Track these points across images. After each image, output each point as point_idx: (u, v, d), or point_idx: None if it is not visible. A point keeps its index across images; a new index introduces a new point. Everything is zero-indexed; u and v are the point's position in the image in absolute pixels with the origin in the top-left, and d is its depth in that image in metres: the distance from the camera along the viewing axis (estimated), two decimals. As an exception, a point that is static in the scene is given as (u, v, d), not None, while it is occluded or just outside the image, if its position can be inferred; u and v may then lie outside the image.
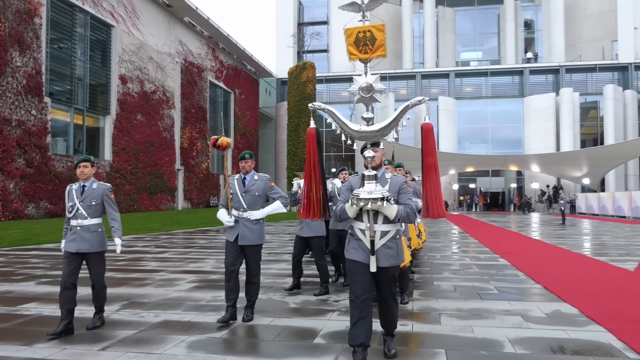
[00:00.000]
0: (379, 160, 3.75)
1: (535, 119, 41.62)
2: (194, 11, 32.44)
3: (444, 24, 47.31)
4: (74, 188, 4.76)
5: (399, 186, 3.66)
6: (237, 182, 5.04)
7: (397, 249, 3.53)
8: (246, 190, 4.95)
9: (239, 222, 4.87)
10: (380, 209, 3.37)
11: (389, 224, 3.50)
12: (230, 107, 41.16)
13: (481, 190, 43.86)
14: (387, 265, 3.49)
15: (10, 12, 19.88)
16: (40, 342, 4.09)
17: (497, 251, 11.07)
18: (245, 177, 5.03)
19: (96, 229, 4.67)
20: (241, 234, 4.82)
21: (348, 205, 3.49)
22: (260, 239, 4.90)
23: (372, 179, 3.44)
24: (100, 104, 25.86)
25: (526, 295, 6.24)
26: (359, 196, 3.36)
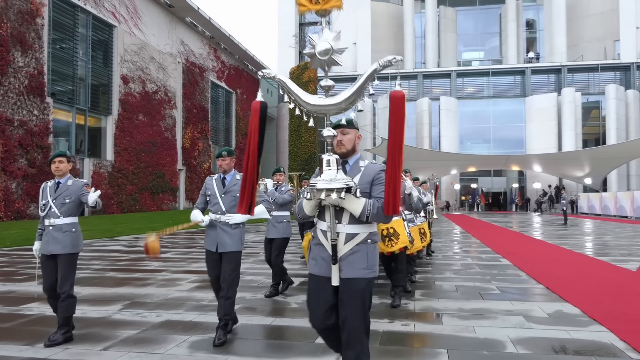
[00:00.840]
0: (350, 145, 2.86)
1: (537, 119, 41.56)
2: (195, 11, 32.46)
3: (445, 24, 47.27)
4: (48, 185, 4.39)
5: (372, 176, 2.79)
6: (215, 183, 4.55)
7: (368, 257, 2.69)
8: (226, 191, 4.47)
9: (217, 227, 4.38)
10: (342, 203, 2.59)
11: (357, 224, 2.69)
12: (232, 107, 41.17)
13: (483, 190, 43.82)
14: (354, 277, 2.64)
15: (12, 12, 19.91)
16: (42, 342, 4.09)
17: (499, 251, 11.07)
18: (225, 177, 4.54)
19: (69, 229, 4.28)
20: (220, 240, 4.34)
21: (305, 200, 2.76)
22: (240, 245, 4.40)
23: (333, 164, 2.62)
24: (102, 104, 25.89)
25: (528, 296, 6.24)
26: (315, 186, 2.58)
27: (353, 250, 2.68)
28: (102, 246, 11.95)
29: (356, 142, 2.92)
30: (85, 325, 4.64)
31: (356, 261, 2.67)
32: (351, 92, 2.78)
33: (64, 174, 4.39)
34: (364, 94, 2.81)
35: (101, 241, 13.13)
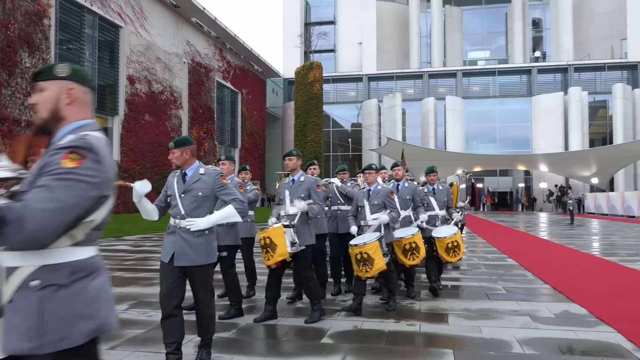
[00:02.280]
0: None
1: (544, 119, 41.37)
2: (201, 12, 32.54)
3: (451, 23, 47.15)
4: None
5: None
6: (176, 180, 3.71)
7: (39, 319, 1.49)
8: (186, 189, 3.61)
9: (176, 234, 3.55)
10: None
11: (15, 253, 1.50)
12: (238, 107, 41.23)
13: (489, 190, 43.68)
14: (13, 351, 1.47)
15: (19, 13, 20.04)
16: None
17: (505, 251, 11.03)
18: (186, 171, 3.66)
19: None
20: (178, 251, 3.48)
21: None
22: (207, 257, 3.56)
23: None
24: (109, 104, 26.00)
25: (534, 296, 6.21)
26: None
27: (15, 306, 1.50)
28: (109, 246, 12.00)
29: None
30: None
31: (15, 324, 1.49)
32: None
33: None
34: None
35: (108, 241, 13.18)
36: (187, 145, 3.65)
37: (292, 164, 5.05)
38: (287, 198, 5.04)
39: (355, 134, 45.60)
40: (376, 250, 4.97)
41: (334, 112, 46.23)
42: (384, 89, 45.46)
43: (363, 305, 5.58)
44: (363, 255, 4.97)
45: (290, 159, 5.06)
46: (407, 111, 43.67)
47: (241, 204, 3.60)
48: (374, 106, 44.49)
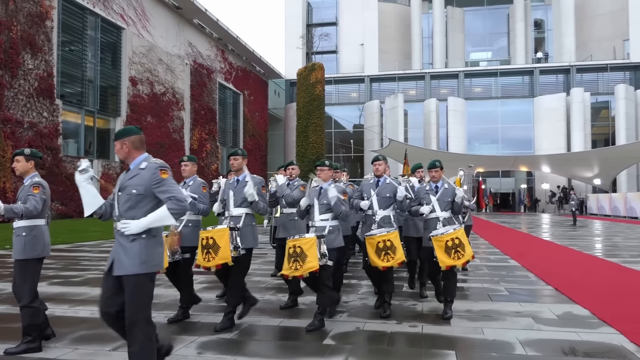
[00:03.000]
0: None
1: (546, 119, 41.33)
2: (203, 13, 32.59)
3: (453, 24, 47.15)
4: None
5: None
6: (120, 177, 3.30)
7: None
8: (121, 186, 3.18)
9: (116, 238, 3.13)
10: None
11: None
12: (240, 109, 41.27)
13: (491, 191, 43.64)
14: None
15: (22, 15, 20.09)
16: (52, 342, 4.12)
17: (507, 252, 11.01)
18: (130, 166, 3.25)
19: (20, 233, 4.01)
20: (115, 257, 3.05)
21: None
22: (141, 265, 2.97)
23: None
24: (111, 105, 26.05)
25: (537, 297, 6.20)
26: None
27: None
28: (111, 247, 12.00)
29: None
30: (94, 325, 4.66)
31: None
32: None
33: (23, 173, 4.23)
34: None
35: (110, 242, 13.20)
36: (126, 136, 3.23)
37: (237, 163, 4.89)
38: (232, 199, 4.85)
39: (357, 135, 45.60)
40: (311, 247, 4.50)
41: (336, 114, 46.24)
42: (386, 90, 45.47)
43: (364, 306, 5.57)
44: (296, 250, 4.53)
45: (236, 158, 4.88)
46: (409, 112, 43.67)
47: (178, 203, 3.04)
48: (375, 107, 44.50)
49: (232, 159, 4.90)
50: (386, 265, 4.99)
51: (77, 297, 6.05)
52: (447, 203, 5.52)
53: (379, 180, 5.58)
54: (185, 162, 5.32)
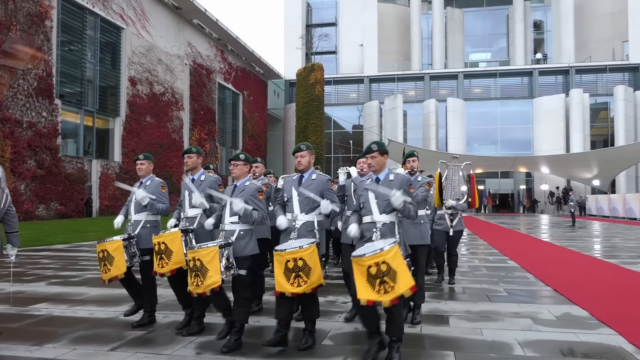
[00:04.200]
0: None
1: (545, 120, 41.36)
2: (202, 13, 32.59)
3: (452, 25, 47.17)
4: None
5: None
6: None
7: None
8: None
9: None
10: None
11: None
12: (239, 109, 41.28)
13: (490, 191, 43.66)
14: None
15: (21, 15, 20.08)
16: (50, 342, 4.12)
17: (506, 253, 11.01)
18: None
19: None
20: None
21: None
22: None
23: None
24: (110, 105, 26.04)
25: (536, 298, 6.20)
26: None
27: None
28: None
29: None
30: (92, 325, 4.66)
31: None
32: None
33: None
34: None
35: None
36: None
37: (192, 162, 4.74)
38: (187, 199, 4.69)
39: (357, 136, 45.61)
40: (212, 260, 3.86)
41: (335, 114, 46.26)
42: (385, 91, 45.48)
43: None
44: (195, 263, 3.90)
45: (190, 156, 4.72)
46: (409, 113, 43.70)
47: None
48: (375, 108, 44.51)
49: (187, 157, 4.83)
50: (296, 291, 3.74)
51: (75, 297, 6.04)
52: (386, 203, 3.81)
53: (302, 176, 4.32)
54: (140, 161, 5.02)
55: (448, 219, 7.06)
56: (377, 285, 3.35)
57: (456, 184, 7.36)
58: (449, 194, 7.19)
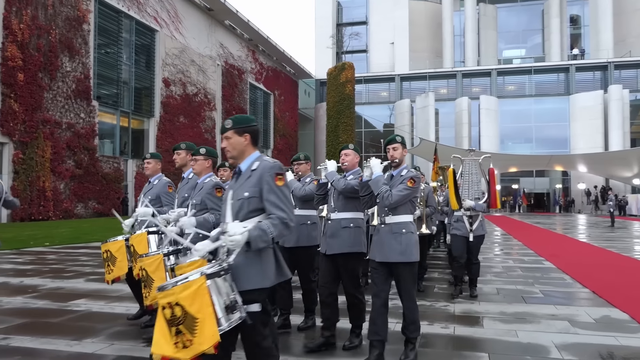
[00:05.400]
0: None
1: (582, 118, 40.26)
2: (234, 14, 32.94)
3: (485, 21, 46.38)
4: None
5: None
6: None
7: None
8: None
9: None
10: None
11: None
12: (270, 109, 41.56)
13: (525, 191, 42.77)
14: None
15: (60, 19, 20.69)
16: (89, 337, 4.23)
17: (542, 253, 10.77)
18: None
19: None
20: None
21: None
22: None
23: None
24: (145, 106, 26.59)
25: (573, 300, 6.05)
26: None
27: None
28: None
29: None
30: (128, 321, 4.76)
31: None
32: None
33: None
34: None
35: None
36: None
37: (180, 158, 4.49)
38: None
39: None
40: (157, 268, 3.43)
41: (366, 113, 46.10)
42: (417, 89, 45.07)
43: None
44: (142, 272, 3.56)
45: (179, 152, 4.49)
46: (440, 111, 43.20)
47: None
48: (406, 106, 44.16)
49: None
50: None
51: (113, 294, 6.19)
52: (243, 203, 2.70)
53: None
54: (147, 160, 4.83)
55: (467, 222, 6.15)
56: (174, 334, 2.19)
57: (474, 181, 6.34)
58: (467, 193, 6.24)
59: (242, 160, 2.75)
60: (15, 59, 18.73)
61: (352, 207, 4.05)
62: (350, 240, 3.98)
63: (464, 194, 6.24)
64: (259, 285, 2.48)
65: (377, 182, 3.64)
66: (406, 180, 3.64)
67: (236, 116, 2.83)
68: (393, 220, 3.64)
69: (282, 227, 2.49)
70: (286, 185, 2.63)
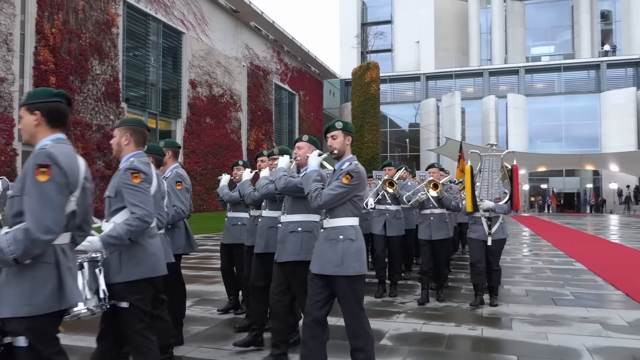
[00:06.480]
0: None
1: (614, 115, 39.25)
2: (259, 16, 33.15)
3: (513, 18, 45.64)
4: None
5: None
6: None
7: None
8: None
9: None
10: None
11: None
12: (295, 109, 41.69)
13: (554, 190, 41.96)
14: None
15: (90, 23, 21.15)
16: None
17: (572, 255, 10.55)
18: None
19: None
20: None
21: None
22: None
23: None
24: (172, 108, 26.97)
25: (605, 302, 5.92)
26: None
27: None
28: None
29: None
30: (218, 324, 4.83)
31: None
32: None
33: None
34: None
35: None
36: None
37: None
38: None
39: (413, 134, 45.02)
40: None
41: (391, 112, 45.86)
42: (443, 88, 44.64)
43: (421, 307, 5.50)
44: None
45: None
46: (467, 110, 42.69)
47: None
48: (432, 105, 43.77)
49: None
50: None
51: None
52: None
53: None
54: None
55: (485, 224, 5.55)
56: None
57: (494, 180, 5.71)
58: (485, 193, 5.67)
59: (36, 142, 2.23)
60: (48, 62, 19.20)
61: (301, 208, 3.57)
62: (297, 247, 3.49)
63: (483, 193, 5.71)
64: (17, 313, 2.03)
65: (308, 179, 3.16)
66: (341, 176, 3.05)
67: (33, 90, 2.29)
68: (331, 224, 3.09)
69: (29, 242, 1.97)
70: (52, 180, 2.05)
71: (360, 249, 3.08)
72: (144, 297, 2.70)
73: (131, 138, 2.82)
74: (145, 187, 2.68)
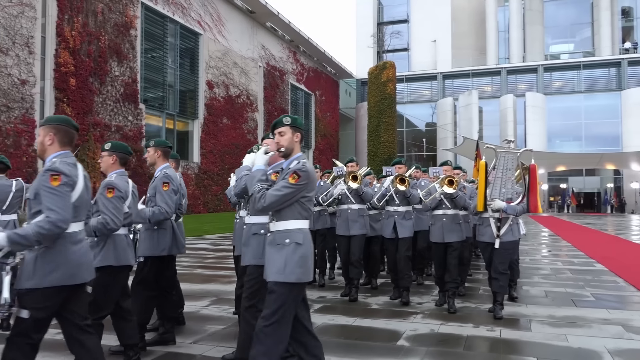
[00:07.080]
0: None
1: (636, 114, 38.52)
2: (275, 16, 33.25)
3: (531, 16, 45.07)
4: None
5: None
6: None
7: None
8: None
9: None
10: None
11: None
12: (311, 109, 41.72)
13: (574, 190, 41.35)
14: None
15: (109, 25, 21.42)
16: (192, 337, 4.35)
17: (592, 255, 10.38)
18: None
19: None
20: None
21: None
22: None
23: None
24: (189, 108, 27.18)
25: (627, 304, 5.81)
26: None
27: None
28: (190, 244, 12.53)
29: None
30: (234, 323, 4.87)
31: None
32: None
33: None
34: None
35: (189, 240, 13.77)
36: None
37: (149, 156, 4.31)
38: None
39: (430, 134, 44.75)
40: None
41: (408, 112, 45.64)
42: (460, 87, 44.29)
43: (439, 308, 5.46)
44: None
45: (148, 150, 4.31)
46: (484, 109, 42.28)
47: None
48: (449, 105, 43.45)
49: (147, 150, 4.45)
50: None
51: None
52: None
53: None
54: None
55: (494, 225, 5.12)
56: None
57: (509, 178, 5.21)
58: (497, 192, 5.17)
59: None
60: (68, 64, 19.50)
61: None
62: (259, 251, 3.21)
63: (494, 192, 5.20)
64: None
65: (252, 179, 2.99)
66: (288, 176, 2.88)
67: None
68: (277, 227, 2.91)
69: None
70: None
71: (306, 254, 2.87)
72: (47, 307, 2.54)
73: (55, 137, 2.68)
74: (64, 190, 2.54)
